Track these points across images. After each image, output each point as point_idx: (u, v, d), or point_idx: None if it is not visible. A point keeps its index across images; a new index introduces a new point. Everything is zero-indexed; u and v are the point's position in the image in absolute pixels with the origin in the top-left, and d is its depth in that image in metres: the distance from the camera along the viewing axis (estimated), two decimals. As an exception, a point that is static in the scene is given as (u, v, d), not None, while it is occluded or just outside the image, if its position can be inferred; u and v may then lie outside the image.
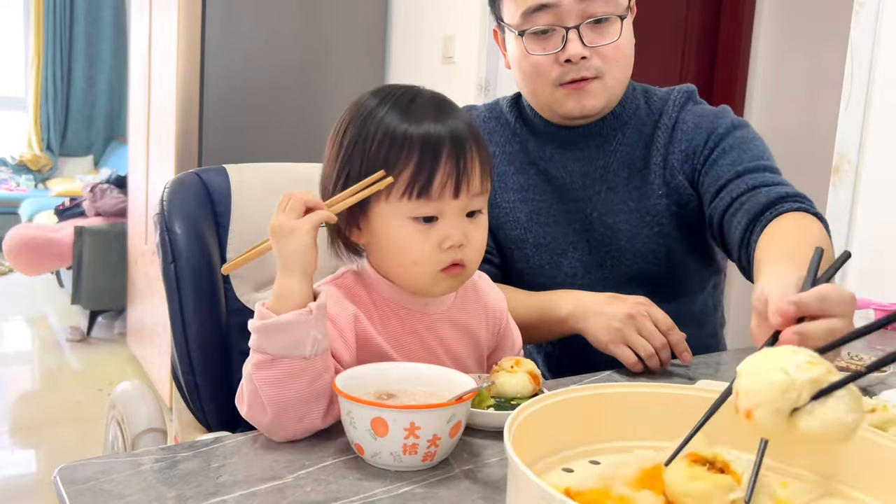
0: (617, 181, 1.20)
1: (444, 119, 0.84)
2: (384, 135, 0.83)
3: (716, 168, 1.14)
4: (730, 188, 1.11)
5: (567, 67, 1.13)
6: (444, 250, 0.83)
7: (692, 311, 1.27)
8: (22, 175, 6.06)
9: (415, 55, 3.03)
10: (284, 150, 2.90)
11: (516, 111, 1.28)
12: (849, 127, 1.82)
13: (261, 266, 1.11)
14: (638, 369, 1.03)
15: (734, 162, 1.13)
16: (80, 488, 0.64)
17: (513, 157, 1.25)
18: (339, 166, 0.86)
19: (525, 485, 0.50)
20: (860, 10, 1.80)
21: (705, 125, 1.18)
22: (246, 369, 0.78)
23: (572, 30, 1.11)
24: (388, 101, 0.85)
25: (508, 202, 1.24)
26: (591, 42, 1.12)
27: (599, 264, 1.22)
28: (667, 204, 1.19)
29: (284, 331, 0.74)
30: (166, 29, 2.89)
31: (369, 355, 0.85)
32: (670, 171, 1.19)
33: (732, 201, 1.10)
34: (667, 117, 1.21)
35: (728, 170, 1.12)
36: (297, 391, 0.75)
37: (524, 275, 1.24)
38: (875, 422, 0.82)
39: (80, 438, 2.72)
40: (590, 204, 1.21)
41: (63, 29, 6.10)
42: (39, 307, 4.44)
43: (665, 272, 1.21)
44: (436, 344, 0.91)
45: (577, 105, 1.16)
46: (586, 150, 1.22)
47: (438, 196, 0.82)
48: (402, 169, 0.82)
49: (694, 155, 1.18)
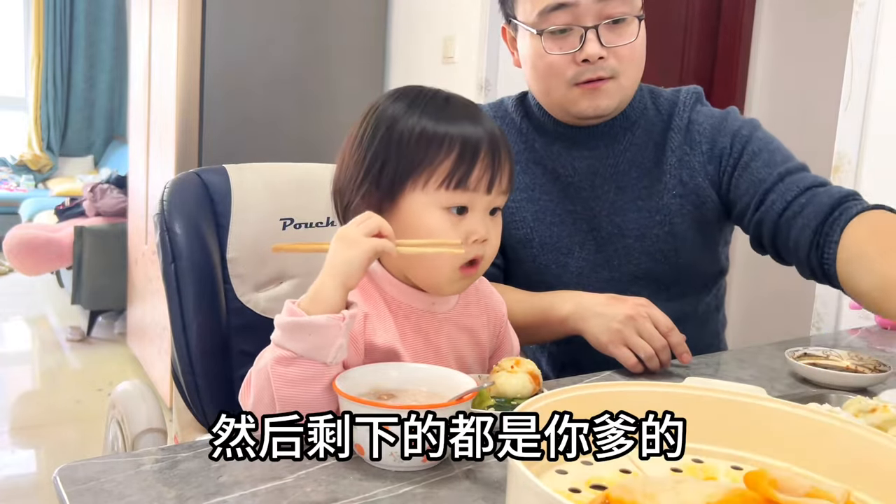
0: (626, 181, 1.21)
1: (479, 121, 0.88)
2: (421, 134, 0.85)
3: (751, 171, 1.14)
4: (779, 191, 1.11)
5: (584, 67, 1.13)
6: (470, 244, 0.86)
7: (696, 311, 1.27)
8: (22, 175, 6.06)
9: (415, 55, 3.03)
10: (284, 150, 2.90)
11: (522, 110, 1.28)
12: (849, 127, 1.82)
13: (261, 266, 1.11)
14: (638, 370, 1.03)
15: (769, 164, 1.14)
16: (80, 488, 0.64)
17: (518, 156, 1.25)
18: (368, 160, 0.87)
19: (525, 486, 0.50)
20: (860, 10, 1.80)
21: (726, 128, 1.19)
22: (260, 364, 0.78)
23: (591, 30, 1.11)
24: (418, 103, 0.88)
25: (514, 201, 1.24)
26: (609, 42, 1.12)
27: (606, 263, 1.22)
28: (681, 203, 1.19)
29: (314, 332, 0.74)
30: (166, 29, 2.89)
31: (378, 352, 0.86)
32: (689, 172, 1.19)
33: (788, 204, 1.10)
34: (678, 118, 1.21)
35: (767, 172, 1.13)
36: (309, 395, 0.75)
37: (530, 274, 1.24)
38: (875, 422, 0.82)
39: (80, 438, 2.72)
40: (598, 203, 1.21)
41: (63, 29, 6.10)
42: (39, 307, 4.44)
43: (672, 272, 1.22)
44: (443, 344, 0.91)
45: (591, 105, 1.16)
46: (595, 150, 1.22)
47: (474, 188, 0.85)
48: (444, 160, 0.85)
49: (721, 158, 1.18)
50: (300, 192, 1.14)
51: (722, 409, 0.69)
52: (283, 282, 1.12)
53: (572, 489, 0.61)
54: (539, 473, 0.63)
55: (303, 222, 1.13)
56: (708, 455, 0.69)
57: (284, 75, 2.95)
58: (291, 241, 1.11)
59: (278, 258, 1.11)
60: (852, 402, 0.86)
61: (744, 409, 0.69)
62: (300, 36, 2.96)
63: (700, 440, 0.69)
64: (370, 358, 0.85)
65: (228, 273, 1.08)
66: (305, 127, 2.94)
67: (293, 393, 0.75)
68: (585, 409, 0.67)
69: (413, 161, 0.85)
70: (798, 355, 1.11)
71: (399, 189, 0.86)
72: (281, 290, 1.11)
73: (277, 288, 1.12)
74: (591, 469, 0.65)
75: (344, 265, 0.78)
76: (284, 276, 1.12)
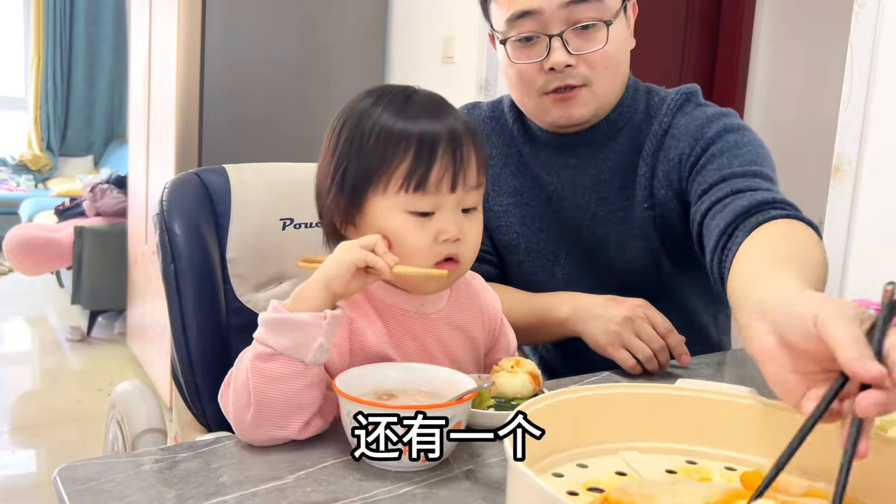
0: (608, 191, 1.17)
1: (440, 117, 0.85)
2: (380, 132, 0.84)
3: (702, 174, 1.07)
4: (713, 192, 1.03)
5: (552, 76, 1.09)
6: (440, 243, 0.84)
7: (691, 323, 1.22)
8: (22, 175, 6.05)
9: (415, 55, 3.03)
10: (284, 150, 2.90)
11: (515, 113, 1.25)
12: (849, 127, 1.82)
13: (261, 266, 1.11)
14: (636, 372, 1.03)
15: (722, 167, 1.05)
16: (80, 488, 0.64)
17: (508, 159, 1.24)
18: (334, 164, 0.87)
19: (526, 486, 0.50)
20: (860, 10, 1.80)
21: (693, 130, 1.11)
22: (240, 364, 0.78)
23: (556, 37, 1.07)
24: (383, 100, 0.87)
25: (501, 206, 1.23)
26: (577, 49, 1.07)
27: (593, 274, 1.20)
28: (652, 216, 1.14)
29: (295, 329, 0.75)
30: (166, 29, 2.89)
31: (367, 357, 0.85)
32: (657, 182, 1.13)
33: (713, 205, 1.02)
34: (658, 123, 1.15)
35: (714, 175, 1.05)
36: (284, 394, 0.75)
37: (516, 282, 1.23)
38: (875, 422, 0.82)
39: (80, 438, 2.72)
40: (580, 213, 1.19)
41: (63, 29, 6.09)
42: (39, 307, 4.44)
43: (657, 285, 1.17)
44: (433, 345, 0.91)
45: (563, 114, 1.12)
46: (579, 158, 1.18)
47: (435, 190, 0.83)
48: (399, 163, 0.83)
49: (680, 163, 1.11)
50: (300, 192, 1.14)
51: (712, 410, 0.69)
52: (283, 282, 1.12)
53: (570, 492, 0.61)
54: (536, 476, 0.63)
55: (303, 222, 1.13)
56: (701, 456, 0.69)
57: (284, 75, 2.95)
58: (291, 240, 1.11)
59: (278, 258, 1.11)
60: (852, 403, 0.86)
61: (734, 410, 0.69)
62: (300, 36, 2.96)
63: (692, 441, 0.69)
64: (359, 362, 0.84)
65: (228, 273, 1.08)
66: (305, 127, 2.93)
67: (270, 389, 0.74)
68: (572, 412, 0.66)
69: (371, 165, 0.84)
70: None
71: (361, 195, 0.85)
72: (281, 290, 1.11)
73: (277, 288, 1.12)
74: (586, 472, 0.65)
75: (330, 267, 0.79)
76: (284, 276, 1.12)
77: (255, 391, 0.74)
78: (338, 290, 0.78)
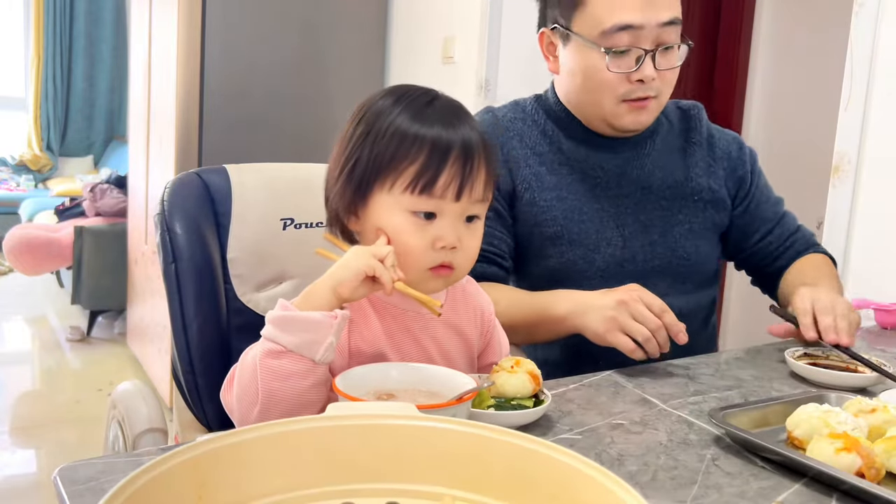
0: (651, 181, 1.31)
1: (456, 125, 0.86)
2: (395, 132, 0.85)
3: (761, 210, 1.39)
4: (777, 233, 1.40)
5: (636, 86, 1.20)
6: (437, 250, 0.85)
7: (702, 306, 1.36)
8: (22, 175, 6.06)
9: (415, 55, 3.03)
10: (284, 150, 2.90)
11: (543, 112, 1.32)
12: (849, 127, 1.82)
13: (261, 266, 1.11)
14: (638, 356, 1.04)
15: (770, 202, 1.41)
16: (80, 488, 0.64)
17: (543, 157, 1.29)
18: (346, 155, 0.87)
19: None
20: (860, 10, 1.80)
21: (742, 156, 1.39)
22: (246, 359, 0.78)
23: (650, 53, 1.18)
24: (403, 100, 0.87)
25: (545, 201, 1.27)
26: (659, 66, 1.20)
27: (631, 258, 1.28)
28: (704, 206, 1.33)
29: (306, 328, 0.76)
30: (166, 29, 2.89)
31: (365, 354, 0.86)
32: (716, 182, 1.35)
33: (780, 245, 1.40)
34: (697, 133, 1.37)
35: (772, 215, 1.40)
36: (294, 391, 0.76)
37: (557, 271, 1.27)
38: (875, 422, 0.82)
39: (80, 438, 2.72)
40: (625, 201, 1.30)
41: (63, 29, 6.10)
42: (39, 307, 4.44)
43: (688, 266, 1.31)
44: (430, 344, 0.91)
45: (635, 120, 1.24)
46: (622, 153, 1.30)
47: (441, 195, 0.84)
48: (409, 164, 0.84)
49: (741, 182, 1.38)
50: (300, 192, 1.14)
51: (367, 437, 0.57)
52: (283, 282, 1.12)
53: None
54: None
55: (303, 222, 1.13)
56: (355, 495, 0.56)
57: (284, 75, 2.95)
58: (291, 240, 1.11)
59: (278, 258, 1.11)
60: (852, 403, 0.86)
61: (391, 433, 0.57)
62: (300, 36, 2.97)
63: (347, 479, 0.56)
64: (357, 361, 0.85)
65: (229, 273, 1.08)
66: (306, 127, 2.94)
67: (280, 386, 0.75)
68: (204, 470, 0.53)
69: (382, 161, 0.84)
70: (798, 355, 1.11)
71: (367, 189, 0.86)
72: (281, 290, 1.11)
73: (277, 288, 1.12)
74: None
75: (340, 271, 0.80)
76: (284, 276, 1.12)
77: (264, 387, 0.75)
78: (345, 294, 0.80)
